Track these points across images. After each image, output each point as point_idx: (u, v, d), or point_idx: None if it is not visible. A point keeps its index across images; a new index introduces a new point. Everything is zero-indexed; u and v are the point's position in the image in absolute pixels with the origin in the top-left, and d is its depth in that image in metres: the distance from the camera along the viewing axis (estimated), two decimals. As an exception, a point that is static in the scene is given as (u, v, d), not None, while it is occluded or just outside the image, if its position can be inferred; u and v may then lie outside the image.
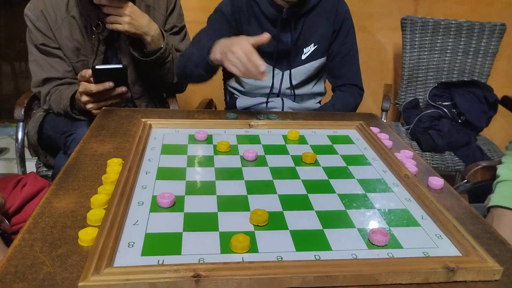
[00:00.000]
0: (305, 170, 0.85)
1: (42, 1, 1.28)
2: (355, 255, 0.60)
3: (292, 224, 0.66)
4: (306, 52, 1.37)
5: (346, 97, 1.41)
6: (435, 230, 0.68)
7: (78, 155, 0.85)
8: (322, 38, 1.37)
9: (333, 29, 1.37)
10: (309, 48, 1.37)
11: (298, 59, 1.38)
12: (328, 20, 1.36)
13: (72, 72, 1.33)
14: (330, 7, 1.36)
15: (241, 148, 0.92)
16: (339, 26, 1.37)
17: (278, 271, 0.54)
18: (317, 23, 1.35)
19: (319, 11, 1.35)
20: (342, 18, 1.37)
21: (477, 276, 0.57)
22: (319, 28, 1.36)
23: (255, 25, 1.34)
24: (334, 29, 1.37)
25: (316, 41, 1.37)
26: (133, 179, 0.74)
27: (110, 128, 0.99)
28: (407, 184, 0.80)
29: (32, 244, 0.58)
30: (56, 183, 0.74)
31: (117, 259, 0.56)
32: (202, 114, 1.15)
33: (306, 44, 1.37)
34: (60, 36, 1.29)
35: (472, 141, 1.85)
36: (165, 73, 1.37)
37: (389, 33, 2.27)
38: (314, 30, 1.36)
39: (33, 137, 1.38)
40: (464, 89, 1.98)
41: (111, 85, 1.11)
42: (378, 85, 2.26)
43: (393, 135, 1.05)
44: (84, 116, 1.27)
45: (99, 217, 0.63)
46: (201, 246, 0.60)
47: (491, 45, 2.05)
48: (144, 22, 1.24)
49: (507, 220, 0.91)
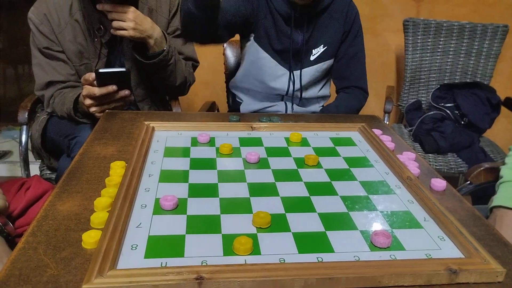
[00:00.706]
0: (307, 172, 0.85)
1: (46, 5, 1.28)
2: (357, 257, 0.60)
3: (295, 226, 0.67)
4: (315, 53, 1.37)
5: (350, 99, 1.41)
6: (438, 232, 0.68)
7: (81, 158, 0.85)
8: (331, 40, 1.37)
9: (343, 31, 1.37)
10: (318, 49, 1.37)
11: (307, 60, 1.38)
12: (338, 22, 1.36)
13: (76, 76, 1.34)
14: (341, 9, 1.36)
15: (244, 151, 0.93)
16: (348, 28, 1.37)
17: (280, 273, 0.55)
18: (328, 24, 1.36)
19: (331, 12, 1.35)
20: (352, 20, 1.37)
21: (480, 278, 0.57)
22: (329, 29, 1.36)
23: (270, 19, 1.33)
24: (344, 31, 1.37)
25: (326, 43, 1.37)
26: (136, 181, 0.75)
27: (113, 131, 0.99)
28: (410, 186, 0.80)
29: (36, 247, 0.58)
30: (60, 186, 0.74)
31: (120, 261, 0.56)
32: (204, 117, 1.15)
33: (315, 45, 1.37)
34: (63, 39, 1.30)
35: (475, 142, 1.85)
36: (168, 76, 1.38)
37: (391, 35, 2.27)
38: (324, 31, 1.36)
39: (37, 140, 1.39)
40: (466, 91, 1.98)
41: (114, 88, 1.12)
42: (380, 87, 2.26)
43: (396, 137, 1.05)
44: (87, 119, 1.27)
45: (102, 219, 0.63)
46: (204, 248, 0.60)
47: (493, 46, 2.05)
48: (147, 26, 1.24)
49: (509, 220, 0.91)
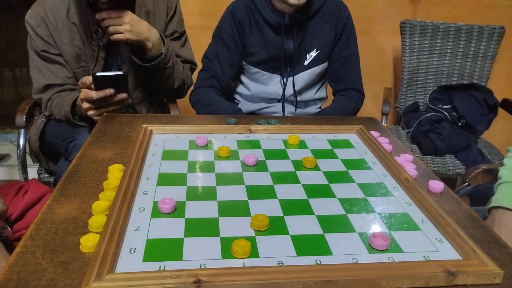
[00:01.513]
0: (305, 175, 0.86)
1: (43, 8, 1.28)
2: (355, 260, 0.60)
3: (293, 229, 0.67)
4: (309, 58, 1.38)
5: (347, 101, 1.42)
6: (436, 234, 0.68)
7: (79, 161, 0.85)
8: (324, 44, 1.37)
9: (335, 34, 1.38)
10: (312, 53, 1.38)
11: (301, 65, 1.39)
12: (330, 25, 1.37)
13: (73, 79, 1.34)
14: (332, 12, 1.36)
15: (242, 153, 0.93)
16: (341, 31, 1.38)
17: (279, 276, 0.55)
18: (319, 29, 1.36)
19: (321, 16, 1.36)
20: (344, 23, 1.37)
21: (478, 279, 0.57)
22: (321, 34, 1.37)
23: (256, 33, 1.35)
24: (336, 34, 1.38)
25: (319, 47, 1.37)
26: (134, 185, 0.75)
27: (111, 134, 0.99)
28: (407, 188, 0.80)
29: (34, 250, 0.58)
30: (58, 190, 0.74)
31: (118, 265, 0.56)
32: (202, 120, 1.15)
33: (308, 49, 1.37)
34: (60, 42, 1.30)
35: (472, 144, 1.85)
36: (166, 79, 1.38)
37: (388, 37, 2.28)
38: (316, 35, 1.36)
39: (35, 143, 1.39)
40: (464, 92, 1.98)
41: (111, 91, 1.12)
42: (378, 88, 2.27)
43: (393, 139, 1.06)
44: (85, 122, 1.27)
45: (100, 223, 0.63)
46: (202, 251, 0.60)
47: (490, 48, 2.06)
48: (144, 29, 1.24)
49: (507, 221, 0.91)
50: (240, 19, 1.35)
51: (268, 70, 1.40)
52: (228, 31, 1.36)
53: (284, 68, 1.39)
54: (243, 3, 1.36)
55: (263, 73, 1.40)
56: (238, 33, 1.36)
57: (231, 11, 1.36)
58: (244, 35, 1.36)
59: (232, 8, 1.37)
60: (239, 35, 1.36)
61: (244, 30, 1.36)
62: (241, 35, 1.36)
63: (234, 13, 1.35)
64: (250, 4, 1.35)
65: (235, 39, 1.36)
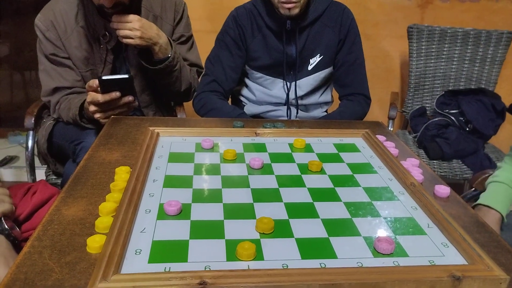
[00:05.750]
0: (311, 178, 0.86)
1: (52, 12, 1.30)
2: (360, 263, 0.60)
3: (298, 232, 0.67)
4: (312, 62, 1.38)
5: (354, 106, 1.42)
6: (441, 239, 0.67)
7: (86, 163, 0.86)
8: (327, 48, 1.38)
9: (339, 39, 1.38)
10: (315, 58, 1.38)
11: (305, 70, 1.39)
12: (333, 30, 1.37)
13: (81, 82, 1.35)
14: (335, 17, 1.36)
15: (247, 156, 0.93)
16: (344, 36, 1.38)
17: (283, 279, 0.55)
18: (322, 33, 1.37)
19: (324, 21, 1.36)
20: (347, 28, 1.37)
21: (483, 284, 0.57)
22: (324, 38, 1.37)
23: (259, 39, 1.36)
24: (340, 39, 1.38)
25: (322, 51, 1.38)
26: (140, 187, 0.75)
27: (118, 137, 1.00)
28: (413, 193, 0.80)
29: (41, 251, 0.59)
30: (65, 191, 0.75)
31: (124, 266, 0.57)
32: (209, 123, 1.16)
33: (312, 54, 1.38)
34: (69, 46, 1.31)
35: (480, 149, 1.84)
36: (173, 82, 1.39)
37: (395, 41, 2.27)
38: (319, 40, 1.37)
39: (43, 145, 1.40)
40: (471, 97, 1.97)
41: (117, 94, 1.13)
42: (384, 93, 2.26)
43: (399, 143, 1.05)
44: (92, 125, 1.28)
45: (107, 224, 0.64)
46: (207, 253, 0.60)
47: (498, 53, 2.05)
48: (153, 33, 1.26)
49: (489, 218, 0.97)
50: (243, 24, 1.35)
51: (271, 75, 1.40)
52: (231, 35, 1.37)
53: (287, 73, 1.39)
54: (246, 8, 1.37)
55: (266, 77, 1.41)
56: (241, 38, 1.37)
57: (234, 16, 1.37)
58: (247, 39, 1.37)
59: (236, 13, 1.38)
60: (241, 39, 1.37)
61: (247, 35, 1.36)
62: (243, 39, 1.37)
63: (237, 18, 1.36)
64: (253, 9, 1.36)
65: (237, 43, 1.37)
